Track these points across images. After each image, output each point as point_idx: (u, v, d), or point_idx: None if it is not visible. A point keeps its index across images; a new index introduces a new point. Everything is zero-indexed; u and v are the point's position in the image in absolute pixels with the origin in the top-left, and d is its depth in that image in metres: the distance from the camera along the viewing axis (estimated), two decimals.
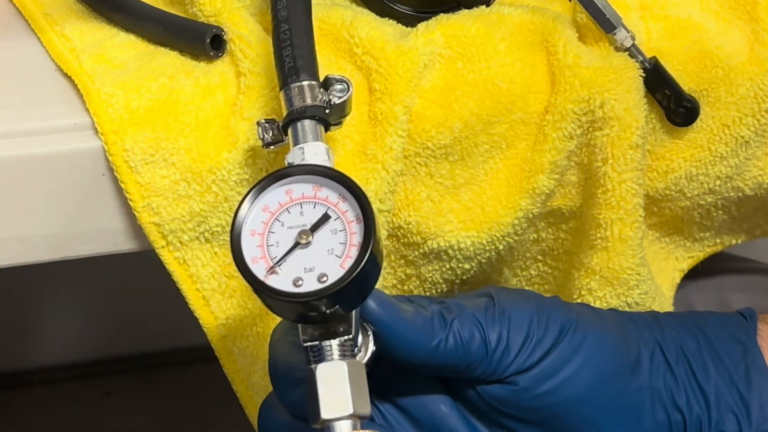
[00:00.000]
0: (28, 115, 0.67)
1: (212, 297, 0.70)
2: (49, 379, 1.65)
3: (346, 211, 0.58)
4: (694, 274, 0.80)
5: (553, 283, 0.75)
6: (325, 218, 0.58)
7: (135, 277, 1.57)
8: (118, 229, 0.68)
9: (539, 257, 0.74)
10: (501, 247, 0.71)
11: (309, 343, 0.58)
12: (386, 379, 0.63)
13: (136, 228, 0.68)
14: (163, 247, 0.68)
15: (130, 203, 0.67)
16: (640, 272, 0.70)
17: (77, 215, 0.68)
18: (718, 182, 0.73)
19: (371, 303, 0.60)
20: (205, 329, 0.71)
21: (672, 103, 0.70)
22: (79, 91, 0.68)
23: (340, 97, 0.63)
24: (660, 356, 0.64)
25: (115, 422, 1.63)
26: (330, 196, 0.58)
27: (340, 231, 0.57)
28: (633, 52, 0.70)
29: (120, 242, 0.69)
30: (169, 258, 0.68)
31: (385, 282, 0.72)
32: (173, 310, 1.59)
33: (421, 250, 0.71)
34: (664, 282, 0.76)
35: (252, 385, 0.72)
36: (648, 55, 0.70)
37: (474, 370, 0.61)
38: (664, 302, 0.73)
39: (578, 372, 0.62)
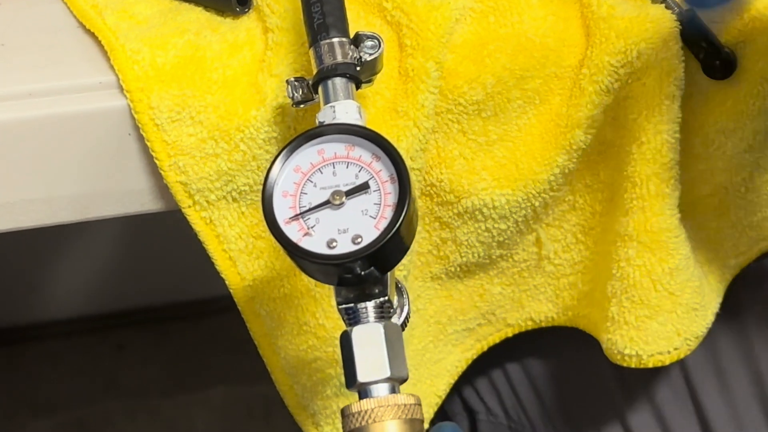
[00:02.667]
0: (52, 73, 0.66)
1: (239, 258, 0.69)
2: (62, 333, 1.65)
3: (379, 170, 0.56)
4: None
5: (593, 269, 0.73)
6: (364, 187, 0.56)
7: (147, 231, 1.56)
8: (144, 189, 0.67)
9: (579, 236, 0.72)
10: (537, 204, 0.69)
11: (344, 306, 0.57)
12: None
13: (162, 187, 0.67)
14: (189, 206, 0.67)
15: (157, 162, 0.65)
16: (677, 234, 0.68)
17: (103, 175, 0.66)
18: (757, 137, 0.71)
19: None
20: (231, 291, 0.70)
21: (709, 56, 0.68)
22: (102, 49, 0.66)
23: (371, 54, 0.61)
24: None
25: (128, 375, 1.62)
26: (363, 156, 0.57)
27: (374, 191, 0.56)
28: (669, 3, 0.68)
29: (146, 202, 0.67)
30: (195, 218, 0.67)
31: (421, 248, 0.71)
32: (185, 263, 1.59)
33: (455, 210, 0.69)
34: (712, 273, 0.74)
35: (279, 349, 0.71)
36: (684, 8, 0.68)
37: None
38: (703, 277, 0.72)
39: None
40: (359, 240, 0.55)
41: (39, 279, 1.61)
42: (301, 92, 0.61)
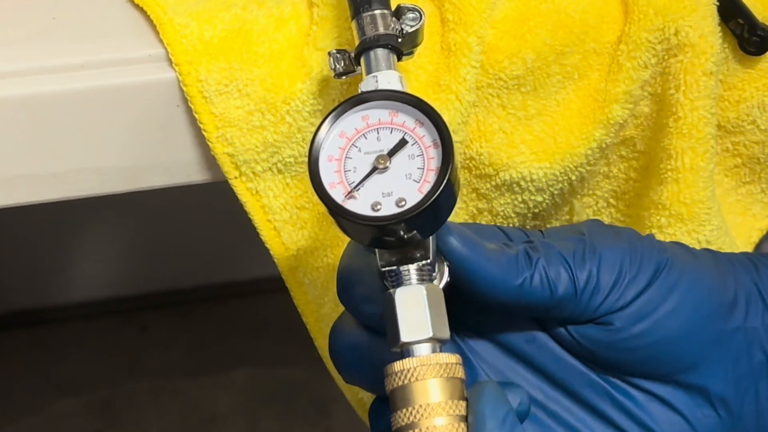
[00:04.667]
0: (101, 46, 0.67)
1: (283, 228, 0.70)
2: (85, 315, 1.66)
3: (423, 136, 0.57)
4: None
5: None
6: (403, 143, 0.57)
7: (172, 214, 1.57)
8: (191, 160, 0.68)
9: (612, 200, 0.73)
10: (574, 178, 0.71)
11: (387, 268, 0.58)
12: (470, 314, 0.63)
13: (209, 159, 0.68)
14: (236, 177, 0.68)
15: (204, 134, 0.67)
16: (710, 206, 0.70)
17: (152, 146, 0.68)
18: None
19: (453, 241, 0.59)
20: (276, 260, 0.71)
21: (745, 31, 0.69)
22: (151, 23, 0.68)
23: (412, 26, 0.62)
24: (757, 296, 0.63)
25: (151, 357, 1.64)
26: (407, 122, 0.58)
27: (418, 156, 0.57)
28: None
29: (193, 173, 0.69)
30: (242, 188, 0.69)
31: (457, 218, 0.72)
32: (209, 247, 1.61)
33: (493, 182, 0.71)
34: (740, 237, 0.76)
35: (322, 317, 0.72)
36: None
37: (563, 309, 0.60)
38: (735, 248, 0.73)
39: (675, 311, 0.61)
40: (403, 203, 0.56)
41: (64, 261, 1.63)
42: (343, 64, 0.63)
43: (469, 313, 0.63)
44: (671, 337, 0.61)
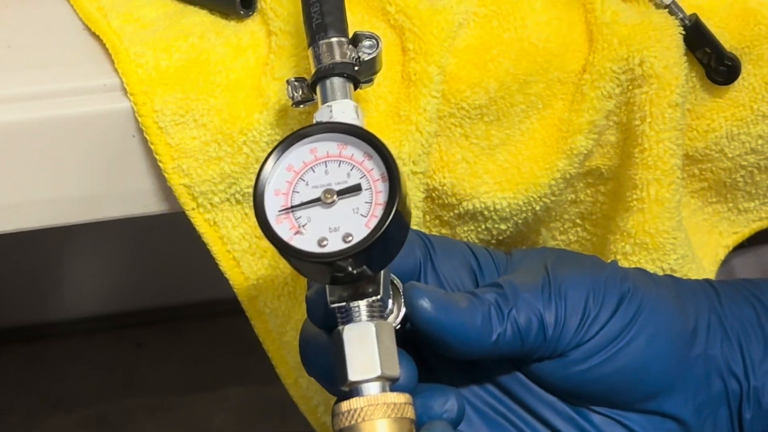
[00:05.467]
0: (56, 75, 0.66)
1: (243, 258, 0.69)
2: (81, 330, 1.66)
3: (371, 169, 0.56)
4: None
5: (591, 249, 0.73)
6: (356, 188, 0.56)
7: (166, 230, 1.57)
8: (148, 190, 0.67)
9: (578, 221, 0.73)
10: (538, 208, 0.70)
11: (336, 305, 0.57)
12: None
13: (166, 190, 0.67)
14: (193, 209, 0.67)
15: (160, 165, 0.66)
16: (676, 236, 0.69)
17: (108, 177, 0.67)
18: (760, 141, 0.71)
19: (424, 304, 0.58)
20: (236, 290, 0.70)
21: (713, 61, 0.68)
22: (107, 51, 0.67)
23: (369, 54, 0.61)
24: (717, 324, 0.63)
25: (147, 373, 1.63)
26: (355, 155, 0.57)
27: (366, 190, 0.56)
28: (673, 9, 0.68)
29: (151, 204, 0.68)
30: (199, 220, 0.68)
31: None
32: (204, 262, 1.60)
33: (456, 211, 0.70)
34: (706, 256, 0.75)
35: (284, 345, 0.72)
36: (688, 12, 0.68)
37: (532, 354, 0.60)
38: (701, 272, 0.72)
39: (633, 342, 0.60)
40: (350, 238, 0.55)
41: (59, 278, 1.62)
42: (300, 92, 0.62)
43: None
44: (630, 368, 0.60)
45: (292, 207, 0.56)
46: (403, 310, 0.60)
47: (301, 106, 0.62)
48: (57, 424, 1.58)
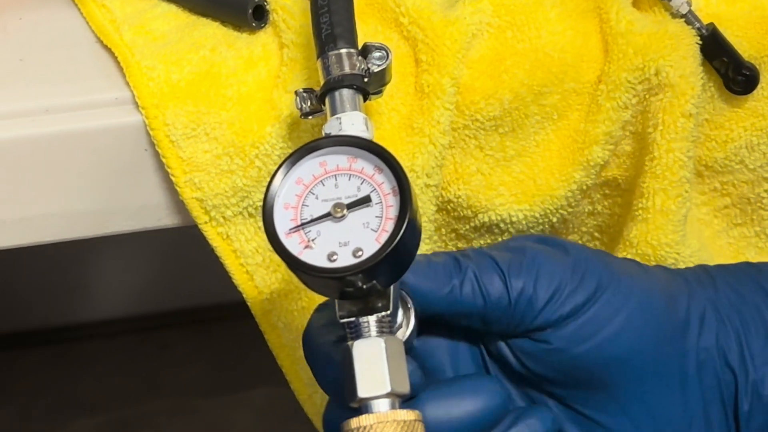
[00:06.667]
0: (68, 89, 0.66)
1: (256, 272, 0.69)
2: (105, 333, 1.66)
3: (382, 183, 0.55)
4: None
5: None
6: (366, 200, 0.56)
7: (191, 231, 1.57)
8: (161, 204, 0.67)
9: (597, 234, 0.72)
10: (555, 220, 0.69)
11: (346, 320, 0.56)
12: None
13: (179, 203, 0.67)
14: (206, 222, 0.67)
15: (172, 178, 0.66)
16: (679, 251, 0.67)
17: (120, 191, 0.67)
18: None
19: None
20: (249, 304, 0.70)
21: (730, 70, 0.67)
22: (119, 64, 0.66)
23: (379, 65, 0.60)
24: (712, 315, 0.61)
25: (171, 375, 1.63)
26: (365, 168, 0.56)
27: (376, 204, 0.55)
28: (689, 18, 0.67)
29: (163, 217, 0.68)
30: (212, 233, 0.67)
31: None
32: None
33: (472, 224, 0.69)
34: None
35: (297, 360, 0.71)
36: (705, 22, 0.67)
37: (497, 320, 0.58)
38: None
39: (620, 333, 0.58)
40: (360, 253, 0.54)
41: (83, 280, 1.63)
42: (309, 103, 0.61)
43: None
44: (615, 359, 0.59)
45: (302, 224, 0.55)
46: (413, 323, 0.59)
47: (310, 117, 0.62)
48: (79, 427, 1.58)
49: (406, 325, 0.59)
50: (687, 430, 0.61)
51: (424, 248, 0.69)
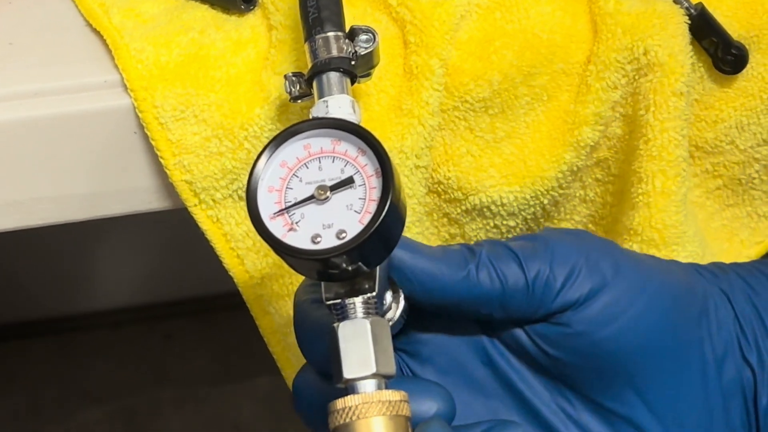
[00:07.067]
0: (58, 73, 0.66)
1: (247, 256, 0.69)
2: (110, 322, 1.66)
3: (365, 165, 0.55)
4: None
5: None
6: (348, 181, 0.56)
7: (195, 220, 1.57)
8: (150, 187, 0.67)
9: (590, 226, 0.71)
10: (546, 202, 0.69)
11: (332, 301, 0.56)
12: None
13: (168, 186, 0.67)
14: (195, 205, 0.67)
15: (161, 161, 0.66)
16: (684, 231, 0.67)
17: (110, 174, 0.67)
18: None
19: (397, 253, 0.57)
20: (240, 289, 0.70)
21: (719, 50, 0.67)
22: (108, 48, 0.66)
23: (365, 48, 0.60)
24: (728, 308, 0.60)
25: (176, 364, 1.63)
26: (349, 150, 0.56)
27: (360, 186, 0.55)
28: None
29: (153, 201, 0.68)
30: (201, 216, 0.67)
31: (431, 244, 0.70)
32: None
33: (463, 207, 0.69)
34: None
35: (288, 346, 0.71)
36: (694, 2, 0.67)
37: (516, 304, 0.58)
38: None
39: (640, 318, 0.57)
40: (343, 235, 0.54)
41: (88, 269, 1.63)
42: (298, 87, 0.61)
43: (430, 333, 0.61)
44: (634, 345, 0.58)
45: (287, 207, 0.55)
46: (402, 304, 0.59)
47: (299, 101, 0.62)
48: (86, 417, 1.59)
49: (396, 306, 0.59)
50: (708, 422, 0.60)
51: (415, 231, 0.69)
